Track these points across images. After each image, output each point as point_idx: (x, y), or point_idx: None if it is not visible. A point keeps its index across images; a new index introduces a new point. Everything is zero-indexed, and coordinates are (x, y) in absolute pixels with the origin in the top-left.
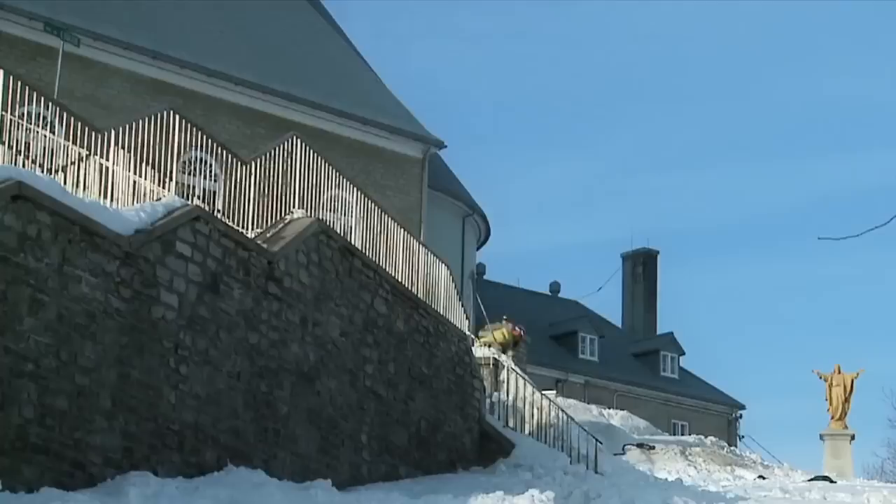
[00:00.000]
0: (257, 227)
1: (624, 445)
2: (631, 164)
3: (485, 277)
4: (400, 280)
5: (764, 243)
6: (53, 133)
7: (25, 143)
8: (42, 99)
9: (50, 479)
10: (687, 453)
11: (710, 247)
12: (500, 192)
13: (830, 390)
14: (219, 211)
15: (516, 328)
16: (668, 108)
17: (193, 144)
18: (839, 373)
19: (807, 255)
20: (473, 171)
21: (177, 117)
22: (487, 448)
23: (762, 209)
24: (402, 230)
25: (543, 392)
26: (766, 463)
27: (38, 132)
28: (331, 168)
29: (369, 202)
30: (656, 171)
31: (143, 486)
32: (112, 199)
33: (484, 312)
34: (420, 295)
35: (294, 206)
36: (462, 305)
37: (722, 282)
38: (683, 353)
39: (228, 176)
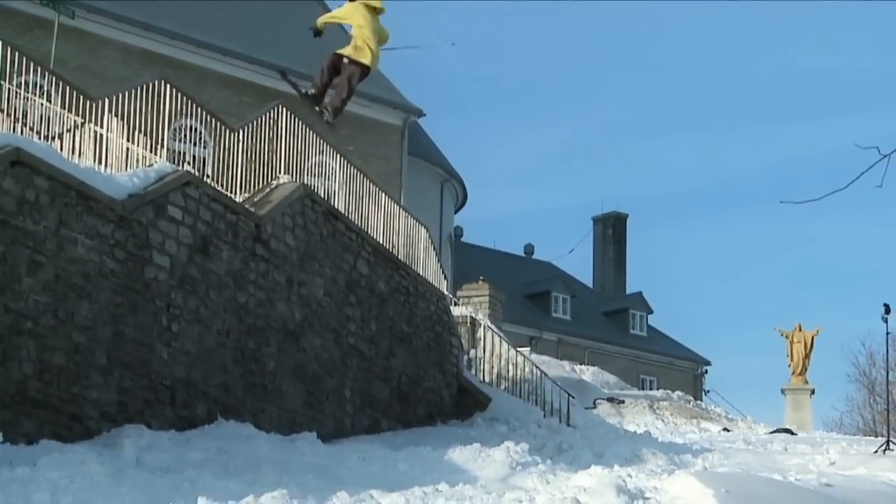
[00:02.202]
0: (245, 192)
1: (595, 400)
2: (602, 132)
3: (462, 240)
4: (381, 242)
5: (729, 207)
6: (50, 101)
7: (23, 111)
8: (39, 69)
9: (49, 432)
10: (655, 407)
11: (677, 210)
12: (477, 158)
13: (791, 347)
14: (208, 176)
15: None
16: (638, 79)
17: (184, 113)
18: (800, 330)
19: (770, 218)
20: (451, 138)
21: (167, 87)
22: (465, 402)
23: (727, 175)
24: (383, 194)
25: (518, 349)
26: (730, 416)
27: (35, 101)
28: (315, 135)
29: (352, 168)
30: (626, 138)
31: (138, 439)
32: (106, 165)
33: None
34: (400, 256)
35: (280, 172)
36: (440, 266)
37: (688, 244)
38: (651, 312)
39: (217, 143)
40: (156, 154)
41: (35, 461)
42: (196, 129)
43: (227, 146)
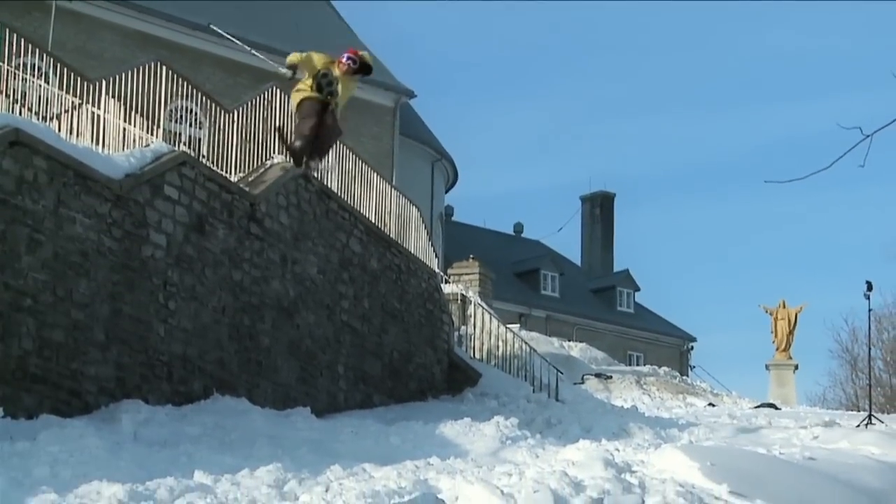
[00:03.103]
0: (240, 172)
1: (583, 375)
2: (590, 113)
3: (453, 219)
4: (373, 221)
5: (714, 186)
6: (48, 83)
7: (22, 92)
8: (37, 51)
9: (48, 407)
10: (642, 382)
11: (663, 190)
12: (467, 139)
13: (775, 324)
14: (204, 156)
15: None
16: (625, 60)
17: (179, 94)
18: (784, 307)
19: (754, 197)
20: (442, 119)
21: (164, 68)
22: (456, 378)
23: (713, 154)
24: (375, 174)
25: (508, 326)
26: (715, 391)
27: (33, 82)
28: None
29: (344, 148)
30: (614, 118)
31: (135, 413)
32: (103, 146)
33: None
34: (392, 235)
35: (274, 152)
36: (432, 245)
37: (675, 222)
38: (638, 289)
39: (212, 123)
40: (152, 135)
41: (35, 435)
42: (192, 111)
43: (222, 127)
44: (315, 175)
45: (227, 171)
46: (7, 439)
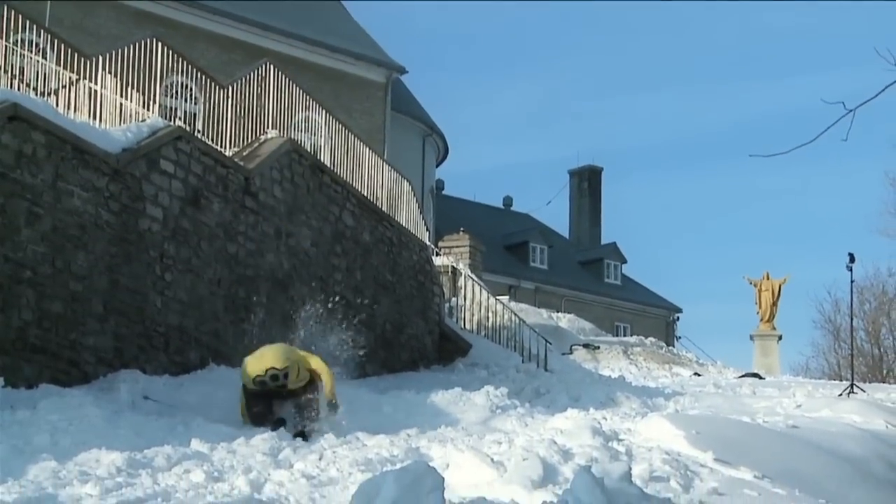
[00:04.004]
0: (234, 146)
1: (571, 346)
2: (578, 89)
3: (443, 192)
4: (366, 195)
5: (700, 161)
6: (46, 59)
7: (20, 68)
8: (35, 27)
9: (48, 377)
10: (629, 353)
11: (650, 164)
12: (458, 114)
13: (760, 295)
14: (199, 131)
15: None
16: (612, 37)
17: (175, 70)
18: (768, 279)
19: (739, 171)
20: (433, 95)
21: (159, 44)
22: (447, 348)
23: (699, 130)
24: (367, 149)
25: (498, 297)
26: (700, 361)
27: (31, 58)
28: (301, 92)
29: (337, 123)
30: (602, 94)
31: (133, 383)
32: (100, 120)
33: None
34: (384, 208)
35: (268, 127)
36: (423, 218)
37: (661, 196)
38: (625, 262)
39: (207, 99)
40: (148, 110)
41: (35, 404)
42: (187, 86)
43: (216, 102)
44: (308, 150)
45: (221, 146)
46: (8, 408)
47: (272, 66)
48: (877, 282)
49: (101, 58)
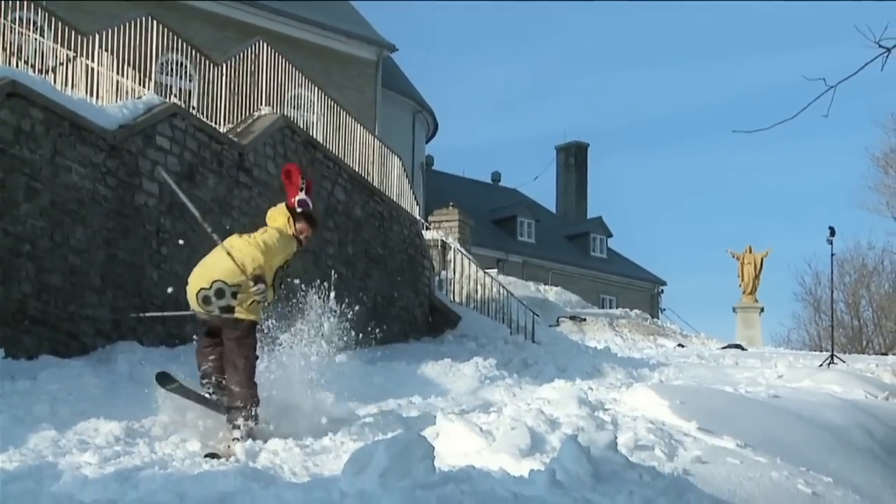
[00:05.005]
0: (228, 123)
1: (558, 318)
2: (565, 66)
3: (433, 168)
4: (357, 170)
5: (684, 137)
6: (43, 36)
7: (18, 45)
8: (32, 5)
9: (47, 348)
10: (614, 324)
11: (635, 140)
12: (447, 91)
13: (742, 268)
14: (194, 108)
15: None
16: (599, 14)
17: (170, 47)
18: (750, 252)
19: (722, 147)
20: (423, 72)
21: (155, 23)
22: (436, 321)
23: (682, 107)
24: (358, 125)
25: (486, 270)
26: (684, 333)
27: (29, 36)
28: (294, 69)
29: (329, 100)
30: (588, 71)
31: (130, 354)
32: (97, 97)
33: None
34: (375, 184)
35: (261, 104)
36: (413, 193)
37: (646, 171)
38: (611, 235)
39: (202, 76)
40: (144, 87)
41: (35, 375)
42: (182, 64)
43: (211, 79)
44: (301, 127)
45: (216, 122)
46: (8, 378)
47: (265, 44)
48: (857, 255)
49: (97, 35)
